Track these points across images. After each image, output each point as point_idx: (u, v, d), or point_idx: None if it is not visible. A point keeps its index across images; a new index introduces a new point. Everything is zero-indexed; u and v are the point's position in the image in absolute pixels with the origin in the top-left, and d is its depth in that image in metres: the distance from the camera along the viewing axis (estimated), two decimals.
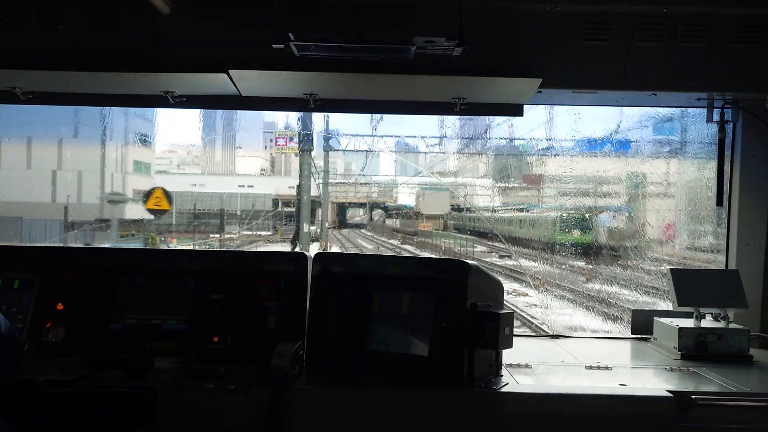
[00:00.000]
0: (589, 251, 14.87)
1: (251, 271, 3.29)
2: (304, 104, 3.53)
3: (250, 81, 3.34)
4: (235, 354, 3.06)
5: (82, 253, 3.69)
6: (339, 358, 3.03)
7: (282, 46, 2.86)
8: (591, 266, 14.24)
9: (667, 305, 3.89)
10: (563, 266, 14.96)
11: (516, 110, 3.61)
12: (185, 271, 3.31)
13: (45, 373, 2.71)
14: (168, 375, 2.83)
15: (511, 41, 3.29)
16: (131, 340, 3.10)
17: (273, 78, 3.28)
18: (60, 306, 3.19)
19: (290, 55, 2.96)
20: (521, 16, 3.28)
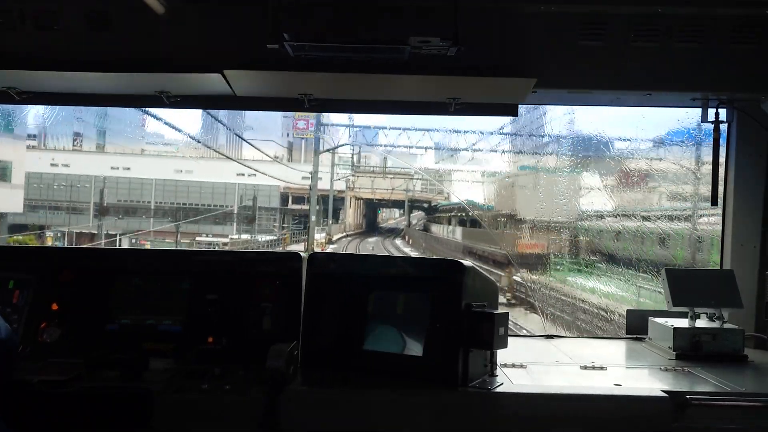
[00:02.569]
0: None
1: (246, 272, 3.29)
2: (299, 104, 3.53)
3: (244, 81, 3.33)
4: (230, 354, 3.05)
5: (78, 253, 3.68)
6: (334, 359, 3.03)
7: (277, 46, 2.86)
8: None
9: None
10: None
11: (511, 110, 3.61)
12: (180, 272, 3.30)
13: (41, 373, 2.70)
14: (163, 375, 2.82)
15: (506, 41, 3.30)
16: (126, 340, 3.10)
17: (268, 78, 3.28)
18: (55, 306, 3.18)
19: (285, 55, 2.97)
20: (516, 16, 3.29)
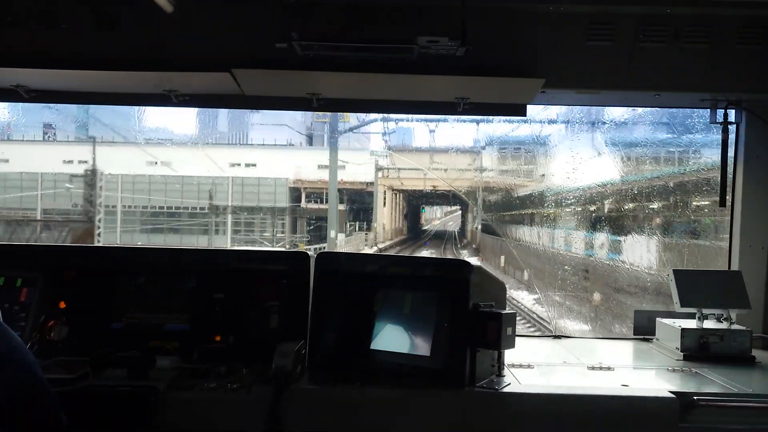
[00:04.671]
0: None
1: (253, 270, 3.29)
2: (307, 104, 3.54)
3: (253, 80, 3.34)
4: (236, 353, 3.05)
5: (84, 251, 3.69)
6: (341, 358, 3.03)
7: (285, 45, 2.86)
8: None
9: None
10: None
11: (519, 110, 3.61)
12: (187, 270, 3.31)
13: (48, 371, 2.71)
14: (170, 374, 2.83)
15: (515, 41, 3.29)
16: (133, 338, 3.10)
17: (276, 77, 3.28)
18: (62, 304, 3.19)
19: (293, 55, 2.97)
20: (524, 17, 3.28)
